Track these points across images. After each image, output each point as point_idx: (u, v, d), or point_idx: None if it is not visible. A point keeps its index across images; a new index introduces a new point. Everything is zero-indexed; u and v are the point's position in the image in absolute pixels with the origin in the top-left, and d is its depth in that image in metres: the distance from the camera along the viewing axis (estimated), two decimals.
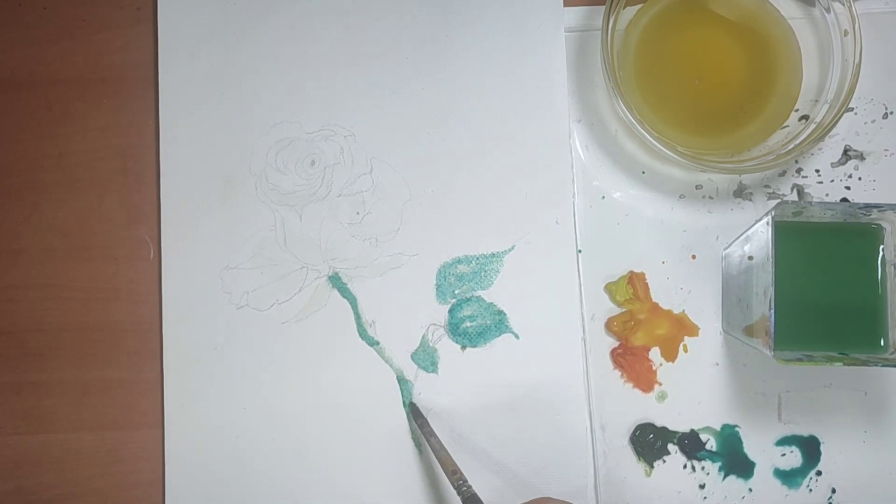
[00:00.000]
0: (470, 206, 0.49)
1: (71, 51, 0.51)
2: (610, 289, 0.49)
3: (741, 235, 0.47)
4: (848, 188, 0.50)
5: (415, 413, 0.47)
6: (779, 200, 0.50)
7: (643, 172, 0.50)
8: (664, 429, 0.48)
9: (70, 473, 0.48)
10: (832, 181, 0.50)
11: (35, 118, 0.50)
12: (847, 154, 0.50)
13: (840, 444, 0.48)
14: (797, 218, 0.44)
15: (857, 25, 0.47)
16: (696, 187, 0.50)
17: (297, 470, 0.48)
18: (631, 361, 0.49)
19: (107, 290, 0.49)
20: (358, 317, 0.49)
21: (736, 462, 0.48)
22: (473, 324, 0.49)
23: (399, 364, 0.49)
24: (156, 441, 0.48)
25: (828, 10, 0.49)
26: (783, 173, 0.50)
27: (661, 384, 0.49)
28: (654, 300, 0.49)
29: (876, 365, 0.41)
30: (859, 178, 0.50)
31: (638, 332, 0.49)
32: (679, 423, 0.48)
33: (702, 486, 0.48)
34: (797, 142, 0.47)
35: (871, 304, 0.43)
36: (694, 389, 0.49)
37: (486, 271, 0.49)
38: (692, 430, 0.48)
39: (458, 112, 0.50)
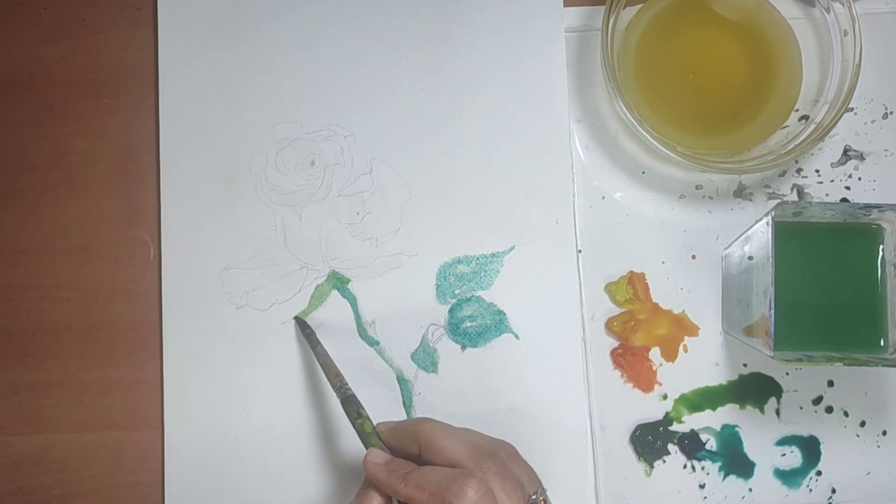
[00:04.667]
0: (470, 206, 0.49)
1: (71, 51, 0.51)
2: (610, 289, 0.49)
3: (741, 235, 0.47)
4: (848, 188, 0.50)
5: (301, 325, 0.48)
6: (779, 201, 0.50)
7: (643, 172, 0.50)
8: (664, 429, 0.48)
9: (70, 473, 0.48)
10: (832, 181, 0.50)
11: (35, 118, 0.50)
12: (847, 154, 0.50)
13: (840, 444, 0.48)
14: (797, 218, 0.44)
15: (857, 25, 0.47)
16: (696, 187, 0.50)
17: (297, 470, 0.48)
18: (631, 361, 0.49)
19: (107, 290, 0.49)
20: (358, 317, 0.49)
21: (736, 462, 0.48)
22: (473, 324, 0.49)
23: (399, 364, 0.49)
24: (156, 441, 0.48)
25: (828, 11, 0.49)
26: (783, 173, 0.50)
27: (661, 384, 0.49)
28: (654, 300, 0.49)
29: (876, 365, 0.41)
30: (859, 179, 0.50)
31: (638, 333, 0.49)
32: (679, 424, 0.48)
33: (702, 486, 0.48)
34: (797, 142, 0.47)
35: (871, 304, 0.43)
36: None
37: (486, 271, 0.49)
38: (692, 430, 0.48)
39: (458, 112, 0.50)
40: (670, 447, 0.48)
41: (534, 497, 0.38)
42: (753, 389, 0.48)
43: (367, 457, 0.38)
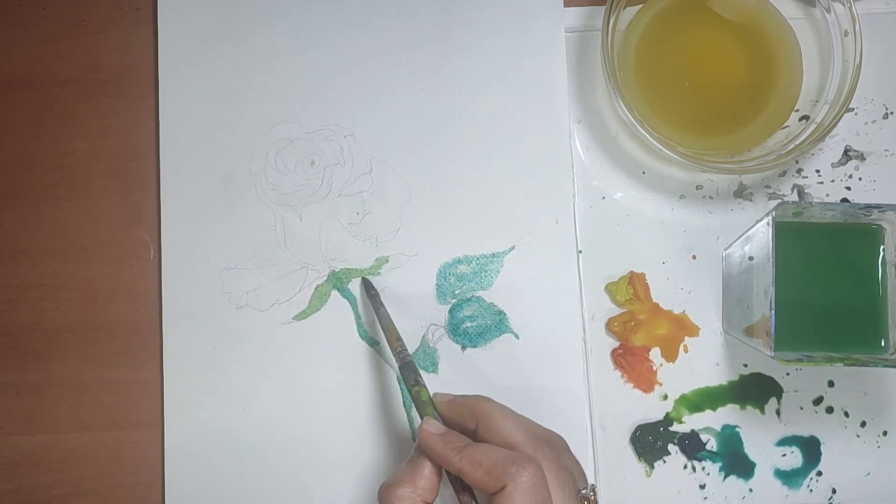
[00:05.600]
0: (470, 206, 0.49)
1: (71, 51, 0.51)
2: (610, 289, 0.49)
3: (742, 236, 0.47)
4: (848, 188, 0.50)
5: (367, 286, 0.48)
6: (779, 201, 0.50)
7: (643, 173, 0.50)
8: (664, 429, 0.48)
9: (70, 474, 0.48)
10: (832, 181, 0.50)
11: (35, 118, 0.50)
12: (847, 154, 0.50)
13: (840, 444, 0.48)
14: (797, 218, 0.44)
15: (857, 26, 0.47)
16: (697, 187, 0.50)
17: (297, 470, 0.48)
18: (631, 362, 0.49)
19: (107, 290, 0.49)
20: (358, 317, 0.49)
21: (736, 462, 0.48)
22: (473, 324, 0.49)
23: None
24: (156, 441, 0.48)
25: (828, 11, 0.49)
26: (783, 173, 0.50)
27: (661, 384, 0.49)
28: (654, 300, 0.49)
29: (876, 365, 0.41)
30: (860, 179, 0.50)
31: (638, 333, 0.49)
32: (679, 424, 0.48)
33: (702, 487, 0.48)
34: (797, 142, 0.47)
35: (872, 305, 0.43)
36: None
37: (486, 271, 0.49)
38: (692, 431, 0.48)
39: (458, 112, 0.50)
40: (670, 447, 0.48)
41: (583, 491, 0.38)
42: (754, 390, 0.48)
43: (422, 425, 0.38)
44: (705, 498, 0.48)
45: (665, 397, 0.49)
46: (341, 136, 0.50)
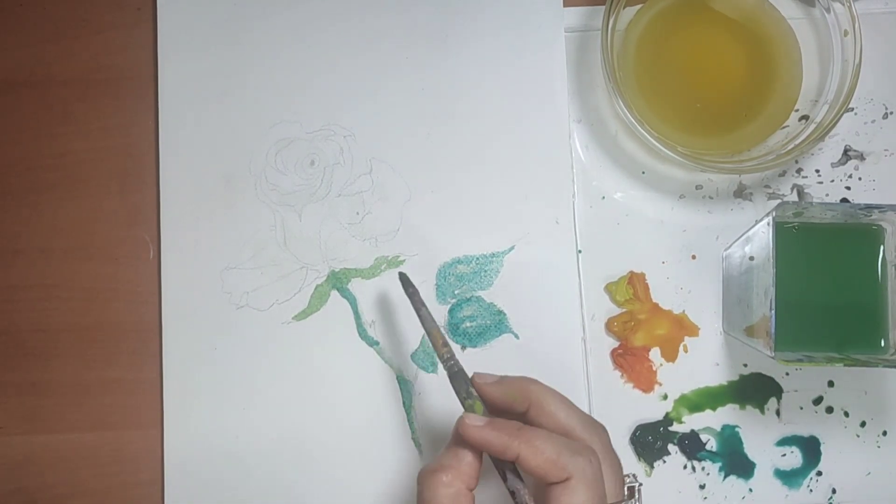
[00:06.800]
0: (470, 207, 0.49)
1: (71, 51, 0.51)
2: (610, 289, 0.49)
3: (742, 236, 0.47)
4: (848, 188, 0.50)
5: (405, 282, 0.43)
6: (779, 201, 0.50)
7: (643, 172, 0.50)
8: (664, 429, 0.48)
9: (70, 474, 0.48)
10: (832, 181, 0.50)
11: (35, 118, 0.50)
12: (847, 154, 0.50)
13: (840, 444, 0.48)
14: (798, 218, 0.44)
15: (857, 25, 0.47)
16: (697, 187, 0.50)
17: (297, 470, 0.48)
18: (631, 362, 0.49)
19: (107, 290, 0.49)
20: (358, 317, 0.49)
21: (736, 462, 0.48)
22: (473, 324, 0.49)
23: (399, 364, 0.49)
24: (155, 441, 0.48)
25: (828, 10, 0.49)
26: (783, 173, 0.50)
27: (661, 384, 0.49)
28: (654, 300, 0.49)
29: (876, 365, 0.41)
30: (859, 179, 0.50)
31: (638, 333, 0.49)
32: (679, 424, 0.48)
33: (702, 487, 0.48)
34: (797, 142, 0.47)
35: (872, 305, 0.43)
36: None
37: (486, 271, 0.49)
38: (692, 431, 0.48)
39: (458, 112, 0.50)
40: (670, 447, 0.48)
41: (629, 482, 0.37)
42: (754, 389, 0.48)
43: (463, 419, 0.36)
44: (705, 498, 0.48)
45: (665, 397, 0.49)
46: (341, 136, 0.50)
